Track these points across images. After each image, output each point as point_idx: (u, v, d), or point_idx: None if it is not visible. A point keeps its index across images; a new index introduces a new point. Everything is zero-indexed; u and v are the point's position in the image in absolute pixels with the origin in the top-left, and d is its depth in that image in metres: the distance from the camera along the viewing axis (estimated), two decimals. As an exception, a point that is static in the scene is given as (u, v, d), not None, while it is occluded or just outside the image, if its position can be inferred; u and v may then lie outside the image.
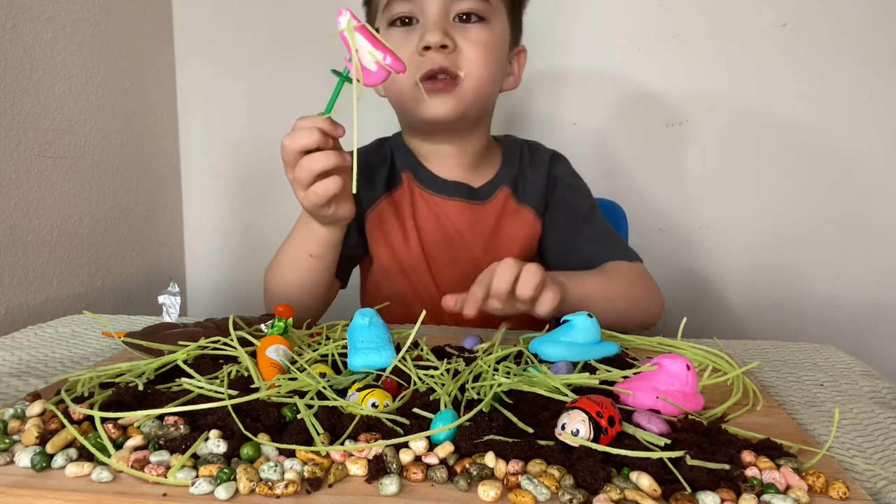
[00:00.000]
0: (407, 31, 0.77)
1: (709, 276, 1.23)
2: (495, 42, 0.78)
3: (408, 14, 0.77)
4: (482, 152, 0.87)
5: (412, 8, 0.76)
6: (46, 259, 0.97)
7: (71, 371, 0.59)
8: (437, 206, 0.85)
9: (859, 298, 1.19)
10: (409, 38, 0.76)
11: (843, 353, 0.69)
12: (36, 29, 0.93)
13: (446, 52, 0.75)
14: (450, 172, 0.86)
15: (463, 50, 0.76)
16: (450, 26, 0.76)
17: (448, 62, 0.75)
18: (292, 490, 0.34)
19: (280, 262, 0.78)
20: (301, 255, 0.74)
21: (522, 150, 0.90)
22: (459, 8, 0.76)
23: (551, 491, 0.35)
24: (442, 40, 0.74)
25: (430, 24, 0.75)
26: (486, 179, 0.87)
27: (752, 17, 1.13)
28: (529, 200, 0.86)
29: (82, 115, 1.03)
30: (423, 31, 0.75)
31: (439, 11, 0.75)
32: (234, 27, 1.25)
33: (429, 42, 0.74)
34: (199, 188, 1.32)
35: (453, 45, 0.75)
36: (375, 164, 0.88)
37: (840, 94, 1.14)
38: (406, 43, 0.76)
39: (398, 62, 0.58)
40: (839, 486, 0.35)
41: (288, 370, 0.50)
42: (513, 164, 0.88)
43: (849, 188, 1.17)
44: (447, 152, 0.85)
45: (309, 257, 0.74)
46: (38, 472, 0.37)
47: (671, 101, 1.18)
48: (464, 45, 0.76)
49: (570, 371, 0.53)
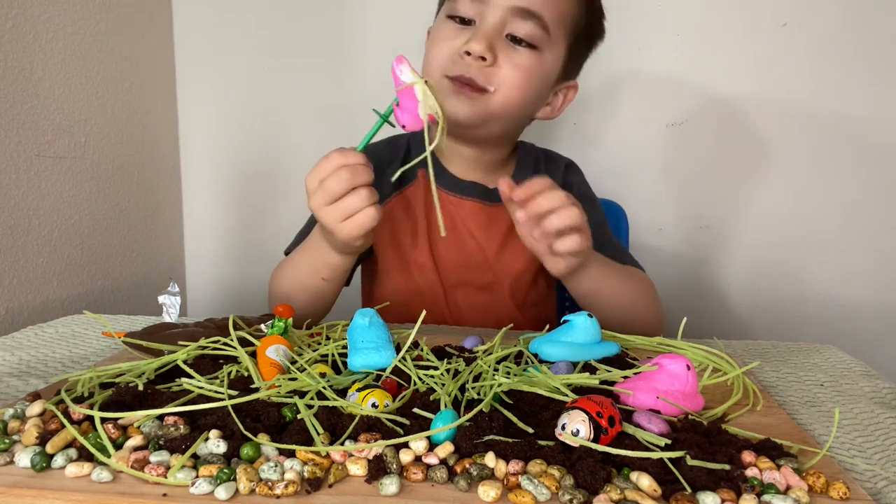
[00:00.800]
0: (460, 30, 0.77)
1: (709, 276, 1.23)
2: (538, 71, 0.78)
3: (466, 15, 0.76)
4: (501, 159, 0.88)
5: (474, 11, 0.76)
6: (46, 259, 0.97)
7: (71, 371, 0.59)
8: (453, 205, 0.85)
9: (859, 298, 1.19)
10: (459, 36, 0.76)
11: (843, 353, 0.69)
12: (36, 29, 0.93)
13: (483, 64, 0.74)
14: (466, 173, 0.86)
15: (502, 68, 0.75)
16: (499, 42, 0.75)
17: (480, 76, 0.74)
18: (292, 490, 0.34)
19: (289, 278, 0.79)
20: (313, 277, 0.76)
21: (538, 156, 0.91)
22: (515, 29, 0.75)
23: (551, 491, 0.35)
24: (483, 52, 0.73)
25: (479, 32, 0.74)
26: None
27: (752, 17, 1.13)
28: None
29: (82, 115, 1.03)
30: (472, 35, 0.74)
31: (495, 23, 0.74)
32: (234, 27, 1.25)
33: (470, 49, 0.73)
34: (199, 188, 1.32)
35: (492, 59, 0.74)
36: (385, 161, 0.88)
37: (840, 94, 1.14)
38: (453, 40, 0.76)
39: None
40: (839, 487, 0.35)
41: (288, 370, 0.50)
42: (527, 169, 0.88)
43: (849, 187, 1.17)
44: (466, 153, 0.85)
45: (321, 280, 0.76)
46: (38, 472, 0.37)
47: (671, 101, 1.18)
48: (504, 63, 0.75)
49: (570, 371, 0.53)
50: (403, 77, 0.62)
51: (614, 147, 1.21)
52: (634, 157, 1.20)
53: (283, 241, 0.88)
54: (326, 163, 0.65)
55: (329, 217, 0.65)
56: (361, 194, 0.64)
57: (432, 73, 0.77)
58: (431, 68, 0.78)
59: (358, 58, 1.22)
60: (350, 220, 0.65)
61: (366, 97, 1.23)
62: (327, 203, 0.65)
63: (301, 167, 1.27)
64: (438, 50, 0.77)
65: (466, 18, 0.76)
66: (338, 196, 0.64)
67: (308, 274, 0.76)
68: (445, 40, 0.77)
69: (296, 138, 1.26)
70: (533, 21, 0.75)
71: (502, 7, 0.74)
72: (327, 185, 0.64)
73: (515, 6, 0.74)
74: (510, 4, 0.74)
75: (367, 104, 1.22)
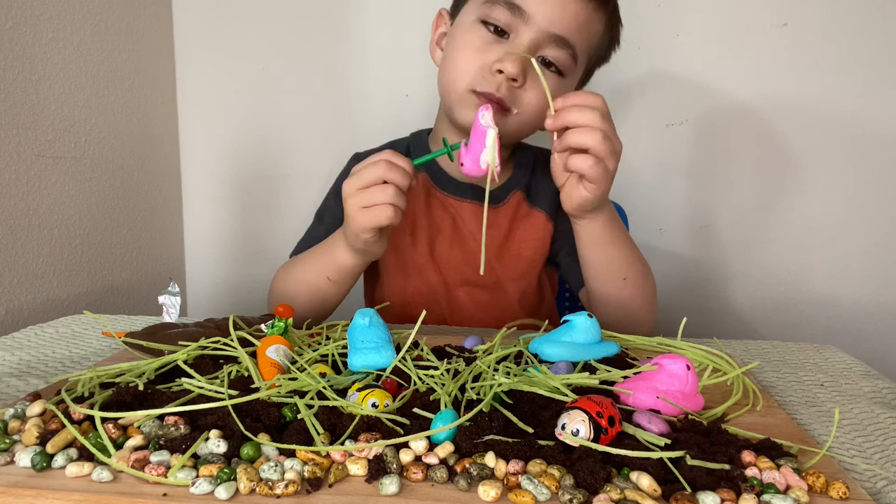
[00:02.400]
0: (493, 41, 0.75)
1: (709, 276, 1.23)
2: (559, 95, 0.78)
3: (502, 27, 0.74)
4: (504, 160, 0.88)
5: (510, 22, 0.74)
6: (46, 259, 0.97)
7: (71, 371, 0.59)
8: (453, 207, 0.86)
9: (859, 298, 1.19)
10: (491, 49, 0.74)
11: (843, 353, 0.69)
12: (36, 29, 0.93)
13: (513, 85, 0.74)
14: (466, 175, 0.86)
15: (528, 91, 0.75)
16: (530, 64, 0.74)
17: (508, 97, 0.74)
18: (292, 490, 0.34)
19: (295, 278, 0.79)
20: (320, 278, 0.76)
21: (536, 155, 0.91)
22: (548, 53, 0.74)
23: (551, 491, 0.35)
24: (517, 75, 0.72)
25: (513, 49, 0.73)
26: (500, 183, 0.87)
27: (752, 17, 1.13)
28: (541, 204, 0.87)
29: (82, 115, 1.03)
30: (506, 54, 0.73)
31: (529, 44, 0.73)
32: (234, 27, 1.24)
33: (505, 69, 0.72)
34: (199, 188, 1.32)
35: (523, 82, 0.74)
36: None
37: (840, 94, 1.14)
38: (485, 52, 0.74)
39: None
40: (839, 486, 0.35)
41: (288, 370, 0.50)
42: (525, 169, 0.89)
43: (849, 187, 1.17)
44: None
45: (327, 280, 0.75)
46: (39, 472, 0.37)
47: (671, 101, 1.18)
48: (531, 87, 0.74)
49: (570, 371, 0.53)
50: (483, 121, 0.63)
51: (614, 147, 1.21)
52: (634, 157, 1.20)
53: (283, 241, 0.89)
54: (377, 156, 0.66)
55: (352, 201, 0.66)
56: (388, 191, 0.65)
57: (458, 82, 0.76)
58: (456, 77, 0.76)
59: (358, 58, 1.22)
60: (368, 209, 0.65)
61: (366, 97, 1.23)
62: (357, 188, 0.65)
63: (301, 167, 1.28)
64: (468, 60, 0.75)
65: (500, 28, 0.75)
66: (368, 184, 0.65)
67: (315, 274, 0.76)
68: (477, 51, 0.75)
69: (296, 138, 1.26)
70: (566, 50, 0.74)
71: (540, 29, 0.73)
72: (363, 172, 0.65)
73: (553, 32, 0.73)
74: (548, 29, 0.73)
75: (367, 104, 1.23)
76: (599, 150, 0.63)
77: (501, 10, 0.74)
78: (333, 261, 0.74)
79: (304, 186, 1.27)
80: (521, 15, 0.73)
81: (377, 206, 0.65)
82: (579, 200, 0.68)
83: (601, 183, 0.66)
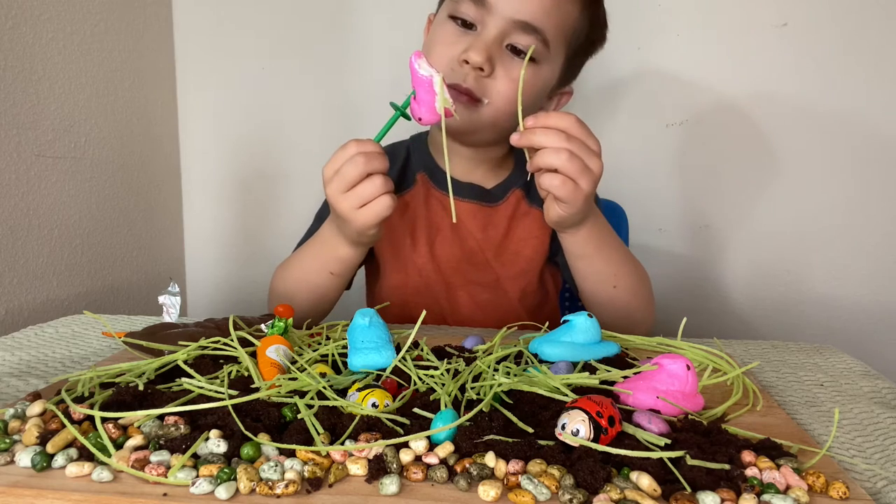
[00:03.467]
0: (461, 34, 0.76)
1: (709, 276, 1.23)
2: (534, 83, 0.77)
3: (468, 19, 0.75)
4: (499, 157, 0.88)
5: (476, 15, 0.74)
6: (46, 259, 0.97)
7: (71, 371, 0.59)
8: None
9: (859, 298, 1.19)
10: (459, 41, 0.75)
11: (843, 353, 0.69)
12: (36, 29, 0.93)
13: (481, 74, 0.74)
14: (465, 174, 0.86)
15: (497, 80, 0.75)
16: (498, 52, 0.74)
17: (476, 87, 0.74)
18: (292, 490, 0.34)
19: (295, 274, 0.78)
20: (322, 273, 0.75)
21: None
22: (516, 40, 0.74)
23: (551, 491, 0.35)
24: (481, 63, 0.72)
25: (480, 41, 0.73)
26: (499, 181, 0.87)
27: (752, 17, 1.13)
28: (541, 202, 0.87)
29: (82, 115, 1.03)
30: (472, 44, 0.73)
31: (495, 34, 0.73)
32: (234, 27, 1.24)
33: (469, 59, 0.72)
34: (199, 188, 1.32)
35: (490, 70, 0.74)
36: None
37: (840, 94, 1.14)
38: (453, 44, 0.75)
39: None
40: (839, 486, 0.35)
41: (288, 370, 0.50)
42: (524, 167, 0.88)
43: (849, 187, 1.17)
44: (465, 153, 0.85)
45: (330, 275, 0.75)
46: (39, 471, 0.37)
47: (671, 101, 1.18)
48: (501, 74, 0.74)
49: (570, 371, 0.53)
50: (422, 71, 0.63)
51: (614, 147, 1.21)
52: (634, 157, 1.20)
53: (283, 240, 0.89)
54: (343, 152, 0.65)
55: (345, 204, 0.65)
56: (376, 182, 0.64)
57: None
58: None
59: (358, 58, 1.22)
60: (366, 207, 0.65)
61: (366, 97, 1.23)
62: (343, 190, 0.65)
63: (301, 167, 1.28)
64: (438, 55, 0.76)
65: (468, 21, 0.76)
66: (353, 183, 0.64)
67: (316, 270, 0.76)
68: (445, 45, 0.76)
69: (296, 138, 1.26)
70: (534, 35, 0.74)
71: (504, 18, 0.73)
72: (343, 172, 0.64)
73: (518, 19, 0.73)
74: (513, 17, 0.73)
75: (367, 104, 1.23)
76: (567, 169, 0.63)
77: (467, 3, 0.74)
78: (335, 256, 0.74)
79: (304, 186, 1.27)
80: (485, 6, 0.73)
81: (373, 200, 0.64)
82: (556, 218, 0.68)
83: (573, 202, 0.65)
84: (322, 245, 0.75)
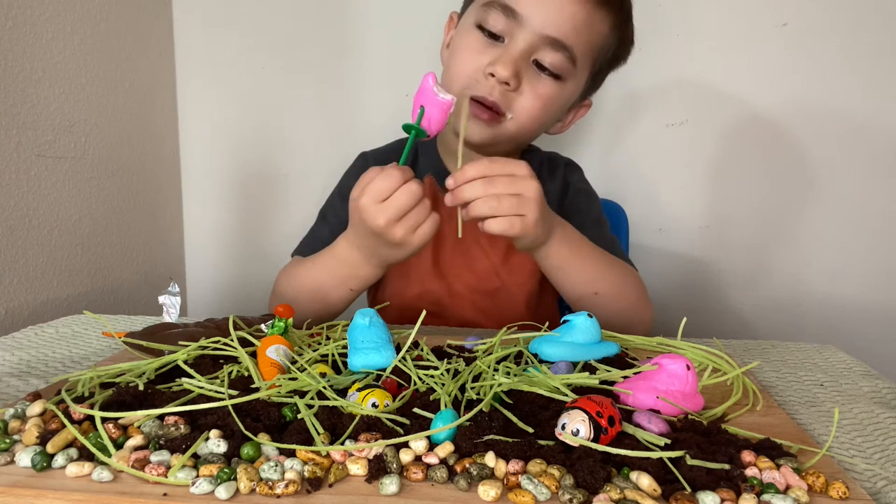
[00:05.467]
0: (487, 45, 0.75)
1: (709, 276, 1.23)
2: (558, 100, 0.77)
3: (497, 32, 0.74)
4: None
5: (505, 27, 0.74)
6: (46, 259, 0.97)
7: (71, 371, 0.59)
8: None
9: (859, 298, 1.19)
10: (486, 52, 0.74)
11: (843, 353, 0.69)
12: (36, 29, 0.93)
13: (507, 89, 0.73)
14: None
15: (523, 95, 0.74)
16: (525, 67, 0.74)
17: (501, 101, 0.74)
18: (292, 490, 0.34)
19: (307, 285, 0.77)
20: (340, 288, 0.74)
21: (542, 163, 0.91)
22: (543, 57, 0.74)
23: (551, 491, 0.35)
24: (508, 78, 0.72)
25: (507, 55, 0.72)
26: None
27: (752, 17, 1.13)
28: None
29: (82, 115, 1.03)
30: (499, 57, 0.72)
31: (524, 48, 0.73)
32: (234, 27, 1.24)
33: (496, 73, 0.72)
34: (199, 188, 1.32)
35: (516, 85, 0.73)
36: None
37: (840, 94, 1.14)
38: (480, 55, 0.74)
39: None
40: (839, 486, 0.35)
41: (288, 370, 0.50)
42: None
43: (849, 187, 1.17)
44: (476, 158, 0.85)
45: (349, 291, 0.75)
46: (39, 471, 0.37)
47: (671, 101, 1.18)
48: (527, 90, 0.74)
49: (570, 371, 0.53)
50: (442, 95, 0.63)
51: (614, 147, 1.21)
52: (634, 157, 1.20)
53: (283, 240, 0.88)
54: (387, 181, 0.62)
55: (401, 232, 0.64)
56: (426, 204, 0.64)
57: (453, 86, 0.76)
58: (453, 81, 0.76)
59: (358, 58, 1.22)
60: (418, 230, 0.64)
61: (366, 97, 1.23)
62: (398, 218, 0.63)
63: (301, 167, 1.28)
64: (463, 63, 0.75)
65: (495, 33, 0.74)
66: (405, 211, 0.63)
67: (334, 286, 0.75)
68: (471, 54, 0.75)
69: (296, 138, 1.26)
70: (563, 53, 0.73)
71: (534, 32, 0.72)
72: (397, 202, 0.62)
73: (548, 35, 0.72)
74: (543, 32, 0.72)
75: (368, 104, 1.23)
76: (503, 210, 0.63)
77: (496, 14, 0.73)
78: (357, 276, 0.73)
79: (304, 186, 1.27)
80: (515, 18, 0.72)
81: (423, 223, 0.64)
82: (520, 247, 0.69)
83: (525, 233, 0.65)
84: (340, 265, 0.74)
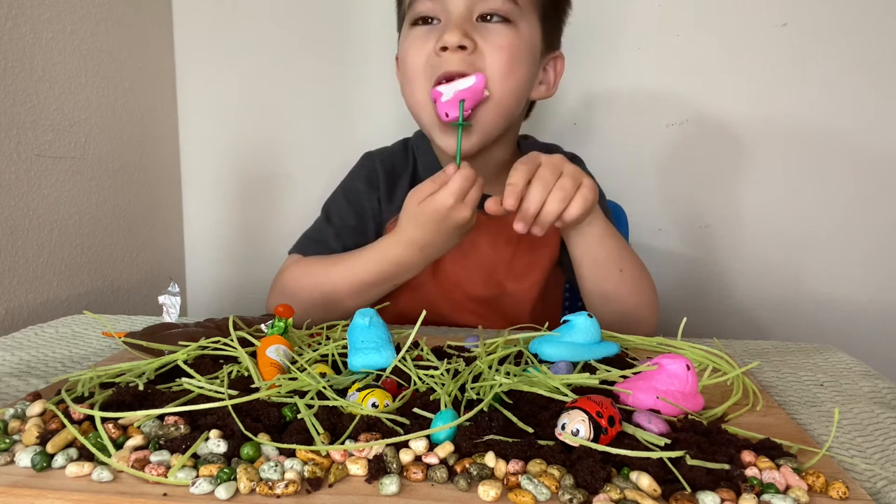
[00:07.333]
0: (427, 31, 0.74)
1: (709, 276, 1.23)
2: (520, 45, 0.74)
3: (429, 14, 0.74)
4: (506, 159, 0.85)
5: (434, 7, 0.73)
6: (46, 259, 0.97)
7: (71, 371, 0.59)
8: None
9: (859, 298, 1.19)
10: (429, 38, 0.73)
11: (843, 353, 0.69)
12: (36, 29, 0.93)
13: (465, 53, 0.71)
14: None
15: (484, 52, 0.72)
16: (472, 27, 0.72)
17: (466, 65, 0.71)
18: (292, 490, 0.34)
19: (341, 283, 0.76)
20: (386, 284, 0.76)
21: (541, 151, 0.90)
22: (482, 8, 0.72)
23: (551, 491, 0.35)
24: (460, 41, 0.70)
25: (450, 24, 0.71)
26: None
27: (752, 17, 1.13)
28: None
29: (82, 115, 1.03)
30: (442, 30, 0.71)
31: (461, 11, 0.72)
32: (234, 27, 1.24)
33: (446, 42, 0.70)
34: (199, 188, 1.32)
35: (473, 45, 0.71)
36: (399, 170, 0.86)
37: (840, 94, 1.14)
38: (425, 43, 0.73)
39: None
40: (839, 486, 0.35)
41: (288, 370, 0.50)
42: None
43: (849, 188, 1.17)
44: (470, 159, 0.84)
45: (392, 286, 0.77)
46: (39, 471, 0.37)
47: (671, 101, 1.18)
48: (485, 46, 0.72)
49: (570, 371, 0.53)
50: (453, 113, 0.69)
51: (614, 147, 1.21)
52: (634, 157, 1.20)
53: (284, 240, 0.88)
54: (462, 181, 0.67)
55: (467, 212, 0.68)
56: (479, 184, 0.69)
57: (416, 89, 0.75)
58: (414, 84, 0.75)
59: (358, 58, 1.22)
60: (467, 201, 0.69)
61: (366, 97, 1.23)
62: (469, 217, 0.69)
63: (301, 167, 1.28)
64: (414, 59, 0.74)
65: (430, 18, 0.74)
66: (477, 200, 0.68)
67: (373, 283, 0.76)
68: (417, 47, 0.74)
69: (296, 138, 1.26)
70: None
71: None
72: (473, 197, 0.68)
73: None
74: None
75: (367, 104, 1.23)
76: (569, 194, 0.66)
77: (423, 2, 0.74)
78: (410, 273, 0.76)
79: (304, 186, 1.27)
80: None
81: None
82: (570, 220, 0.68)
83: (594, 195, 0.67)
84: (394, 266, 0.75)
